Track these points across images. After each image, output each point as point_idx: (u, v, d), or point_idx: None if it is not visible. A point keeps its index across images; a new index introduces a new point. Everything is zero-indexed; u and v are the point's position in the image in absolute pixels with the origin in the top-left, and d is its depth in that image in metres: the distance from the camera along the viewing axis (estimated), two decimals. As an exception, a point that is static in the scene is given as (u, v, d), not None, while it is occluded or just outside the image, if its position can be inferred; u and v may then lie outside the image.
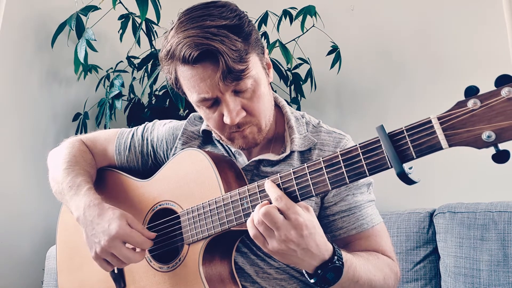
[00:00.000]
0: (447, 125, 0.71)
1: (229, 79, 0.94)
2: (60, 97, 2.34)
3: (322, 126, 1.16)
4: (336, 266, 0.87)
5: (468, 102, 0.70)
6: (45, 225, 2.16)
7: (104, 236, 1.01)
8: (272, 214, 0.82)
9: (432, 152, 0.72)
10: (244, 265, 1.07)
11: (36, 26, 2.24)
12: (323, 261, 0.86)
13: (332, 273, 0.87)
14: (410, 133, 0.74)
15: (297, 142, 1.09)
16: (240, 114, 0.99)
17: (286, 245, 0.83)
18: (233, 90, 0.98)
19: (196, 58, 0.94)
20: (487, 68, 2.05)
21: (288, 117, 1.14)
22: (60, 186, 1.17)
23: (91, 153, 1.27)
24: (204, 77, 0.95)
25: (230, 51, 0.93)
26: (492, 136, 0.67)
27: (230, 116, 0.98)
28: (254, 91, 1.00)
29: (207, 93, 0.97)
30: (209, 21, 0.95)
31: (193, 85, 0.98)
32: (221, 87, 0.95)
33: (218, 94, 0.97)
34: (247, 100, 1.00)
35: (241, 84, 0.97)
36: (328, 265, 0.86)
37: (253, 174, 1.09)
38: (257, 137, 1.05)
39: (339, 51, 2.23)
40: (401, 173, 0.74)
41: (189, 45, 0.93)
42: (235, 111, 0.98)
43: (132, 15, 2.18)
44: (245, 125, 1.02)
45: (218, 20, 0.95)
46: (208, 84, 0.96)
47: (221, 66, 0.93)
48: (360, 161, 0.79)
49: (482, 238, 1.51)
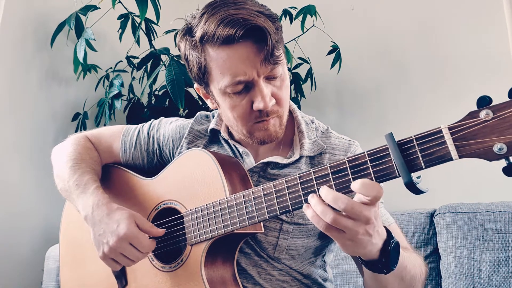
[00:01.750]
0: (458, 135, 0.69)
1: (270, 61, 0.95)
2: (60, 97, 2.33)
3: (331, 132, 1.17)
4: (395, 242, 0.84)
5: (481, 112, 0.68)
6: (44, 225, 2.16)
7: (112, 237, 1.00)
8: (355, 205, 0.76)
9: (441, 162, 0.71)
10: (247, 266, 1.07)
11: (35, 26, 2.23)
12: (383, 240, 0.83)
13: (393, 252, 0.84)
14: (420, 142, 0.73)
15: (307, 147, 1.09)
16: (272, 100, 1.00)
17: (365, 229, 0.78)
18: (265, 77, 0.98)
19: (242, 35, 0.92)
20: (488, 68, 2.05)
21: (299, 121, 1.14)
22: (67, 184, 1.16)
23: (97, 150, 1.26)
24: (243, 58, 0.95)
25: (274, 33, 0.94)
26: (503, 148, 0.66)
27: (264, 100, 0.97)
28: (283, 80, 1.01)
29: (243, 75, 0.96)
30: (248, 5, 0.96)
31: (229, 67, 0.96)
32: (259, 69, 0.95)
33: (254, 76, 0.96)
34: (276, 88, 1.01)
35: (276, 69, 0.98)
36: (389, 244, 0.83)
37: (259, 176, 1.09)
38: (278, 130, 1.05)
39: (339, 51, 2.23)
40: (409, 182, 0.73)
41: (234, 23, 0.93)
42: (268, 95, 0.98)
43: (131, 14, 2.18)
44: (272, 114, 1.02)
45: (255, 7, 0.97)
46: (246, 64, 0.95)
47: (268, 45, 0.94)
48: (368, 168, 0.78)
49: (482, 239, 1.52)
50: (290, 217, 1.05)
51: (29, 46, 2.20)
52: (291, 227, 1.05)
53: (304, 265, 1.11)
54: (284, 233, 1.05)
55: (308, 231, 1.07)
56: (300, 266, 1.10)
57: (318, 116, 1.26)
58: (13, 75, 2.13)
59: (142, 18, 2.03)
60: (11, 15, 2.11)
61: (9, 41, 2.11)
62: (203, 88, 1.09)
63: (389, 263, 0.84)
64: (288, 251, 1.06)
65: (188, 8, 1.04)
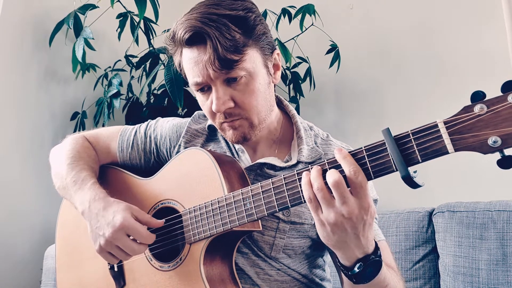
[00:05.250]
0: (454, 129, 0.71)
1: (218, 66, 0.96)
2: (58, 96, 2.33)
3: (331, 139, 1.17)
4: (376, 261, 0.84)
5: (475, 107, 0.70)
6: (43, 225, 2.16)
7: (108, 228, 1.00)
8: (345, 186, 0.77)
9: (437, 156, 0.73)
10: (244, 266, 1.06)
11: (33, 25, 2.23)
12: (365, 254, 0.84)
13: (372, 268, 0.84)
14: (416, 136, 0.74)
15: (305, 153, 1.10)
16: (227, 104, 1.00)
17: (343, 221, 0.78)
18: (225, 80, 0.99)
19: (188, 40, 0.97)
20: (486, 67, 2.06)
21: (298, 127, 1.14)
22: (64, 181, 1.16)
23: (94, 150, 1.26)
24: (198, 61, 0.98)
25: (224, 38, 0.95)
26: (498, 141, 0.68)
27: (215, 103, 1.00)
28: (247, 84, 1.01)
29: (198, 77, 1.00)
30: (214, 9, 0.98)
31: (189, 68, 1.01)
32: (210, 73, 0.98)
33: (208, 80, 0.99)
34: (238, 92, 1.01)
35: (232, 73, 0.98)
36: (370, 259, 0.83)
37: (256, 174, 1.09)
38: (248, 132, 1.05)
39: (338, 50, 2.23)
40: (406, 176, 0.74)
41: (185, 27, 0.97)
42: (222, 99, 1.00)
43: (130, 13, 2.18)
44: (234, 117, 1.03)
45: (223, 10, 0.98)
46: (200, 68, 0.98)
47: (208, 50, 0.96)
48: (365, 163, 0.79)
49: (481, 237, 1.52)
50: (287, 215, 1.05)
51: (27, 45, 2.20)
52: (287, 226, 1.05)
53: (302, 264, 1.11)
54: (280, 232, 1.05)
55: (305, 231, 1.07)
56: (298, 266, 1.10)
57: (317, 115, 1.26)
58: (12, 74, 2.13)
59: (141, 17, 2.03)
60: (10, 14, 2.11)
61: (7, 40, 2.11)
62: None
63: (362, 275, 0.84)
64: (285, 251, 1.06)
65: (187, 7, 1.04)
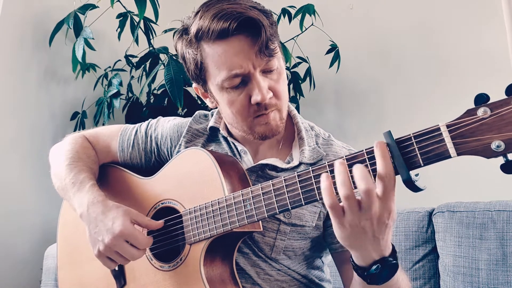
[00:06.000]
0: (456, 133, 0.70)
1: (265, 54, 0.96)
2: (58, 96, 2.33)
3: (333, 140, 1.16)
4: (393, 263, 0.83)
5: (478, 110, 0.68)
6: (43, 224, 2.16)
7: (107, 235, 1.00)
8: (374, 194, 0.73)
9: (440, 160, 0.71)
10: (245, 266, 1.07)
11: (33, 25, 2.23)
12: (382, 256, 0.82)
13: (388, 270, 0.83)
14: (418, 140, 0.73)
15: (307, 154, 1.09)
16: (270, 93, 1.00)
17: (366, 224, 0.76)
18: (262, 70, 0.99)
19: (236, 28, 0.94)
20: (486, 67, 2.06)
21: (300, 128, 1.14)
22: (63, 182, 1.16)
23: (94, 149, 1.26)
24: (238, 51, 0.96)
25: (268, 26, 0.96)
26: (501, 146, 0.66)
27: (261, 92, 0.98)
28: (280, 73, 1.02)
29: (239, 68, 0.97)
30: (242, 1, 0.98)
31: (224, 61, 0.97)
32: (254, 61, 0.96)
33: (250, 69, 0.97)
34: (273, 81, 1.01)
35: (272, 62, 0.98)
36: (387, 261, 0.82)
37: (258, 175, 1.09)
38: (279, 124, 1.05)
39: (338, 50, 2.23)
40: (408, 180, 0.73)
41: (228, 16, 0.94)
42: (265, 88, 0.99)
43: (130, 13, 2.18)
44: (271, 108, 1.02)
45: (249, 2, 0.99)
46: (241, 57, 0.96)
47: (262, 37, 0.95)
48: (366, 166, 0.78)
49: (481, 237, 1.52)
50: (288, 217, 1.05)
51: (27, 45, 2.20)
52: (288, 228, 1.05)
53: (302, 265, 1.11)
54: (281, 234, 1.05)
55: (305, 233, 1.07)
56: (298, 266, 1.10)
57: (317, 115, 1.26)
58: (12, 74, 2.13)
59: (141, 17, 2.03)
60: (10, 14, 2.11)
61: (7, 40, 2.11)
62: (201, 87, 1.10)
63: (378, 277, 0.82)
64: (285, 252, 1.06)
65: (187, 7, 1.05)
